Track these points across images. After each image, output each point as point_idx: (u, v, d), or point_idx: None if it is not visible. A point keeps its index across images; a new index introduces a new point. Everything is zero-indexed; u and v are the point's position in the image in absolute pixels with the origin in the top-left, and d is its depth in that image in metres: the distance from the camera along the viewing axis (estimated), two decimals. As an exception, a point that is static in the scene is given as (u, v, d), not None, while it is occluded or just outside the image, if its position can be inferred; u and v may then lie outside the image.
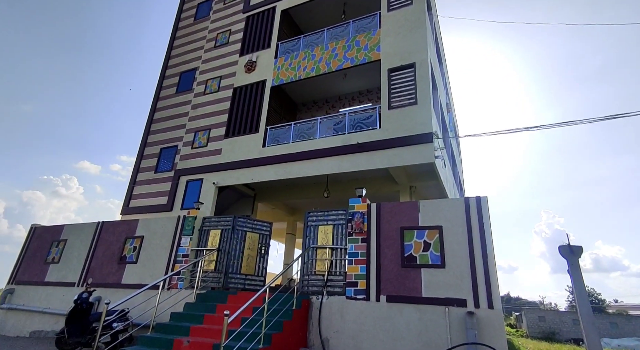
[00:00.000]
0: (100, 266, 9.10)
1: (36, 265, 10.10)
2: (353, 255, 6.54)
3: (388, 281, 6.06)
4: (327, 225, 7.22)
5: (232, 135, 11.44)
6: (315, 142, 9.84)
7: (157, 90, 14.35)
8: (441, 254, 5.83)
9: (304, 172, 9.70)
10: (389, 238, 6.36)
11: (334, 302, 6.35)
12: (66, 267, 9.58)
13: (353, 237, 6.68)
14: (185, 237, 8.41)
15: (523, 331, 35.20)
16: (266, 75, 11.73)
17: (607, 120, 6.10)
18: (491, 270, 5.41)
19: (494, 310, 5.20)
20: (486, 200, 5.90)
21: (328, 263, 6.83)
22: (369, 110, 9.95)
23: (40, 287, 9.65)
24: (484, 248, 5.57)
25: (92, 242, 9.58)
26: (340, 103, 13.48)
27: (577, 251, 3.95)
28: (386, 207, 6.64)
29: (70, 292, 8.84)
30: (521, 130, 7.32)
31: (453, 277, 5.62)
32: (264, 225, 8.57)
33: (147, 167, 12.74)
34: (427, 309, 5.60)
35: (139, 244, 8.90)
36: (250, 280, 7.99)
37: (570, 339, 30.38)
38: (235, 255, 7.96)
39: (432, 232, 6.06)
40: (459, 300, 5.43)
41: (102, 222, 9.83)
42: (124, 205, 12.30)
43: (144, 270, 8.50)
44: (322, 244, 7.07)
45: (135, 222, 9.36)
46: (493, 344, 4.97)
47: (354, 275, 6.38)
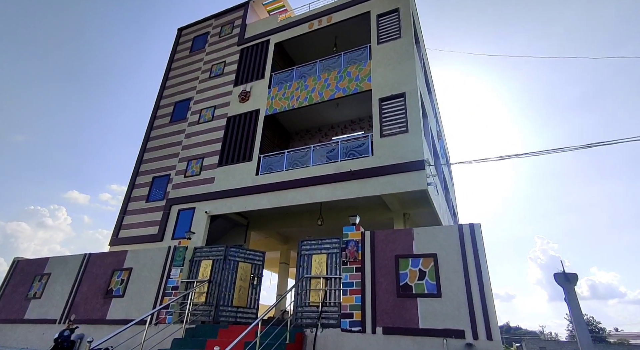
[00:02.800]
0: (85, 301, 8.72)
1: (16, 302, 9.64)
2: (348, 285, 6.39)
3: (384, 312, 5.89)
4: (321, 254, 7.10)
5: (225, 163, 11.46)
6: (308, 170, 9.89)
7: (151, 120, 14.47)
8: (437, 282, 5.73)
9: (297, 200, 9.66)
10: (383, 267, 6.25)
11: (328, 335, 6.12)
12: (48, 303, 9.16)
13: (347, 266, 6.56)
14: (175, 269, 8.17)
15: None
16: (260, 104, 11.95)
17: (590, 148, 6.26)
18: (488, 298, 5.30)
19: (493, 341, 5.05)
20: (479, 227, 5.89)
21: (322, 293, 6.65)
22: (361, 138, 10.10)
23: (19, 325, 9.15)
24: (480, 275, 5.50)
25: (77, 276, 9.24)
26: (333, 131, 13.70)
27: (573, 279, 3.91)
28: (380, 235, 6.58)
29: (51, 329, 8.39)
30: (509, 157, 7.47)
31: (450, 307, 5.49)
32: (257, 254, 8.39)
33: (138, 196, 12.58)
34: (425, 341, 5.41)
35: (126, 277, 8.60)
36: (242, 312, 7.71)
37: None
38: (227, 286, 7.72)
39: (427, 260, 5.98)
40: (456, 331, 5.27)
41: (89, 254, 9.54)
42: (113, 236, 12.01)
43: (131, 304, 8.16)
44: (316, 274, 6.92)
45: (123, 254, 9.10)
46: (494, 378, 4.79)
47: (349, 306, 6.20)
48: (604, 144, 6.01)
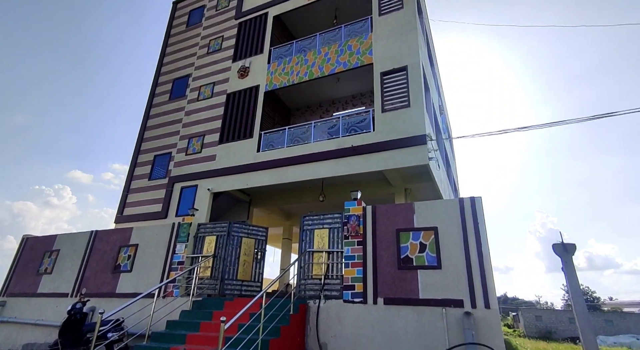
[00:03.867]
0: (94, 276, 8.98)
1: (28, 277, 9.94)
2: (349, 258, 6.53)
3: (385, 283, 6.05)
4: (323, 228, 7.21)
5: (226, 140, 11.42)
6: (309, 146, 9.86)
7: (150, 98, 14.30)
8: (437, 255, 5.84)
9: (299, 176, 9.70)
10: (385, 240, 6.36)
11: (331, 306, 6.32)
12: (59, 278, 9.44)
13: (349, 240, 6.67)
14: (180, 244, 8.34)
15: (520, 331, 35.20)
16: (259, 80, 11.76)
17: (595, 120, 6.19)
18: (487, 270, 5.42)
19: (491, 310, 5.21)
20: (480, 201, 5.93)
21: (325, 267, 6.81)
22: (362, 114, 10.00)
23: (32, 299, 9.48)
24: (480, 248, 5.59)
25: (85, 252, 9.46)
26: (334, 107, 13.54)
27: (571, 249, 3.98)
28: (382, 210, 6.65)
29: (64, 302, 8.69)
30: (512, 130, 7.40)
31: (449, 278, 5.62)
32: (260, 230, 8.53)
33: (140, 174, 12.65)
34: (425, 310, 5.59)
35: (133, 253, 8.80)
36: (247, 286, 7.93)
37: (567, 337, 30.42)
38: (231, 261, 7.91)
39: (427, 233, 6.07)
40: (456, 301, 5.43)
41: (96, 231, 9.72)
42: (118, 214, 12.18)
43: (138, 278, 8.40)
44: (318, 248, 7.05)
45: (129, 231, 9.27)
46: (490, 343, 4.97)
47: (350, 278, 6.36)
48: (610, 115, 5.94)
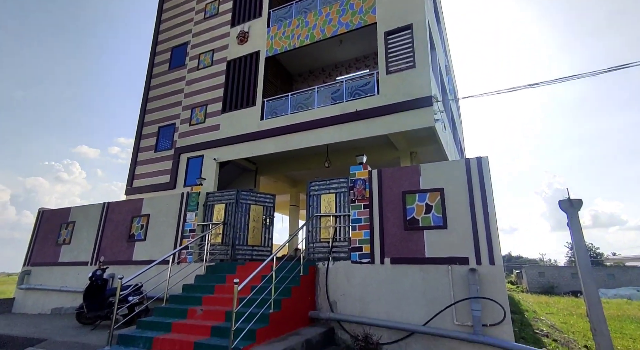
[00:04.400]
0: (111, 245, 9.32)
1: (49, 247, 10.36)
2: (356, 221, 6.64)
3: (392, 244, 6.19)
4: (330, 193, 7.28)
5: (229, 109, 11.31)
6: (313, 112, 9.74)
7: (150, 68, 14.04)
8: (443, 215, 5.91)
9: (304, 143, 9.67)
10: (391, 203, 6.43)
11: (339, 267, 6.53)
12: (77, 248, 9.83)
13: (355, 203, 6.75)
14: (190, 213, 8.54)
15: (523, 287, 36.17)
16: (259, 45, 11.41)
17: (610, 73, 5.96)
18: (492, 227, 5.50)
19: (495, 266, 5.34)
20: (487, 160, 5.89)
21: (332, 230, 6.96)
22: (366, 77, 9.75)
23: (55, 268, 9.95)
24: (485, 207, 5.63)
25: (99, 223, 9.76)
26: (337, 71, 13.19)
27: (577, 204, 3.99)
28: (387, 173, 6.66)
29: (84, 270, 9.12)
30: (522, 88, 7.18)
31: (455, 237, 5.72)
32: (267, 197, 8.65)
33: (146, 146, 12.71)
34: (431, 268, 5.75)
35: (145, 222, 9.05)
36: (257, 251, 8.18)
37: (568, 291, 31.26)
38: (241, 227, 8.11)
39: (433, 194, 6.10)
40: (461, 259, 5.57)
41: (108, 203, 9.95)
42: (128, 186, 12.40)
43: (152, 247, 8.71)
44: (325, 212, 7.17)
45: (140, 201, 9.48)
46: (494, 297, 5.14)
47: (358, 240, 6.51)
48: (625, 67, 5.69)
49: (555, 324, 9.27)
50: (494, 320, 5.09)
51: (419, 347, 5.48)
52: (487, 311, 5.16)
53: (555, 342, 6.53)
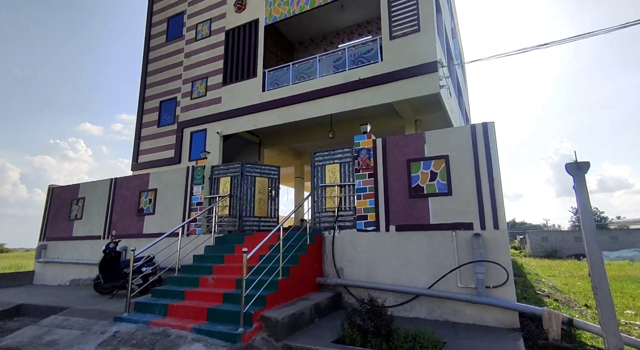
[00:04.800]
0: (121, 219, 9.54)
1: (62, 223, 10.65)
2: (361, 190, 6.68)
3: (397, 212, 6.25)
4: (334, 163, 7.28)
5: (230, 82, 11.12)
6: (316, 82, 9.55)
7: (147, 40, 13.70)
8: (448, 182, 5.91)
9: (307, 113, 9.57)
10: (395, 171, 6.43)
11: (345, 235, 6.65)
12: (89, 223, 10.08)
13: (360, 173, 6.77)
14: (196, 186, 8.64)
15: (526, 252, 36.67)
16: (258, 13, 11.01)
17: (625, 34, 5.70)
18: (497, 193, 5.51)
19: (500, 230, 5.40)
20: (493, 126, 5.80)
21: (337, 200, 7.02)
22: (369, 43, 9.45)
23: (69, 242, 10.28)
24: (490, 172, 5.61)
25: (109, 198, 9.94)
26: (339, 38, 12.77)
27: (584, 167, 3.95)
28: (392, 141, 6.61)
29: (98, 244, 9.41)
30: (531, 48, 6.92)
31: (460, 203, 5.76)
32: (272, 169, 8.69)
33: (149, 121, 12.67)
34: (436, 234, 5.84)
35: (153, 197, 9.20)
36: (264, 222, 8.34)
37: (571, 255, 31.67)
38: (247, 199, 8.21)
39: (438, 161, 6.08)
40: (465, 224, 5.63)
41: (115, 179, 10.08)
42: (133, 162, 12.49)
43: (162, 220, 8.90)
44: (330, 182, 7.21)
45: (146, 176, 9.58)
46: (498, 260, 5.25)
47: (363, 209, 6.58)
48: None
49: (556, 285, 9.51)
50: (497, 282, 5.22)
51: (424, 309, 5.68)
52: (490, 274, 5.28)
53: (556, 302, 6.73)
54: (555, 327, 4.36)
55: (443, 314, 5.53)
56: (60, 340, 4.69)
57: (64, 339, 4.74)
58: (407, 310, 5.76)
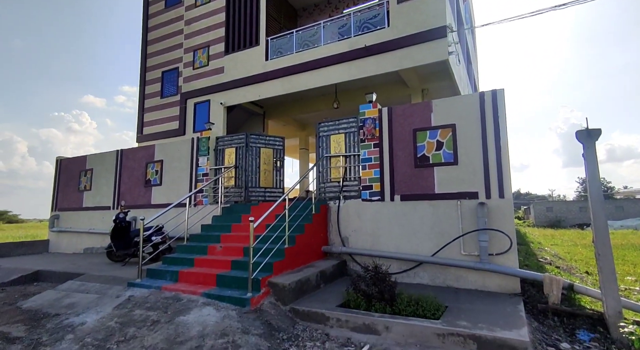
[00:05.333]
0: (129, 190, 9.69)
1: (71, 194, 10.87)
2: (366, 160, 6.66)
3: (402, 182, 6.26)
4: (339, 134, 7.22)
5: (232, 50, 10.84)
6: (320, 50, 9.27)
7: (145, 7, 13.26)
8: (454, 151, 5.86)
9: (311, 83, 9.37)
10: (401, 141, 6.36)
11: (350, 205, 6.71)
12: (99, 194, 10.27)
13: (365, 143, 6.72)
14: (202, 158, 8.67)
15: (530, 222, 36.89)
16: (259, -24, 10.51)
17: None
18: (504, 161, 5.46)
19: (505, 199, 5.40)
20: (502, 94, 5.65)
21: (342, 170, 7.03)
22: (375, 7, 9.05)
23: (80, 212, 10.53)
24: (498, 141, 5.54)
25: (116, 170, 10.06)
26: (344, 3, 12.24)
27: (595, 134, 3.88)
28: (398, 110, 6.50)
29: (108, 214, 9.63)
30: (547, 10, 6.58)
31: (466, 173, 5.73)
32: (277, 140, 8.65)
33: (152, 92, 12.52)
34: (440, 203, 5.87)
35: (159, 168, 9.28)
36: (270, 192, 8.42)
37: (574, 224, 31.82)
38: (253, 170, 8.25)
39: (445, 131, 5.99)
40: (471, 194, 5.63)
41: (121, 150, 10.14)
42: (138, 133, 12.50)
43: (169, 191, 9.02)
44: (335, 153, 7.18)
45: (152, 148, 9.62)
46: (502, 228, 5.29)
47: (368, 179, 6.60)
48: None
49: (558, 253, 9.65)
50: (500, 250, 5.30)
51: (426, 276, 5.83)
52: (494, 242, 5.35)
53: (557, 269, 6.86)
54: (555, 292, 4.47)
55: (446, 280, 5.67)
56: (79, 303, 4.92)
57: (82, 302, 4.97)
58: (411, 277, 5.92)
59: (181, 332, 3.80)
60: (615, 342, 3.81)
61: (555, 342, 3.90)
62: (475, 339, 3.47)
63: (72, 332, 4.05)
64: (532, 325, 4.13)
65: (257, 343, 3.64)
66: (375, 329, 3.92)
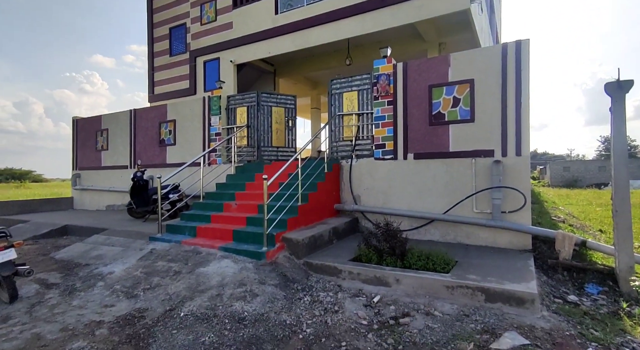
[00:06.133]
0: (145, 150, 9.87)
1: (90, 153, 11.16)
2: (379, 118, 6.53)
3: (415, 140, 6.16)
4: (352, 91, 7.03)
5: (240, 3, 10.36)
6: (332, 1, 8.75)
7: (148, -43, 12.56)
8: (471, 108, 5.67)
9: (323, 38, 8.97)
10: (416, 98, 6.17)
11: (363, 163, 6.70)
12: (116, 153, 10.51)
13: (379, 100, 6.54)
14: (214, 117, 8.65)
15: (545, 182, 36.06)
16: None
17: None
18: (523, 118, 5.27)
19: (522, 157, 5.29)
20: (527, 45, 5.31)
21: (355, 128, 6.93)
22: (393, -49, 8.33)
23: (100, 171, 10.87)
24: (519, 97, 5.30)
25: (130, 129, 10.17)
26: (359, -53, 11.30)
27: (626, 86, 3.64)
28: (413, 65, 6.23)
29: (125, 173, 9.91)
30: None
31: (482, 130, 5.58)
32: (288, 98, 8.51)
33: (160, 51, 12.27)
34: (454, 162, 5.79)
35: (173, 128, 9.34)
36: (282, 151, 8.44)
37: (592, 184, 31.01)
38: (265, 129, 8.23)
39: (462, 86, 5.75)
40: (486, 151, 5.52)
41: (134, 110, 10.19)
42: (150, 93, 12.44)
43: (183, 150, 9.14)
44: (347, 111, 7.05)
45: (164, 107, 9.61)
46: (517, 186, 5.24)
47: (381, 137, 6.51)
48: None
49: (572, 212, 9.58)
50: (514, 207, 5.29)
51: (437, 233, 5.91)
52: (507, 200, 5.33)
53: (571, 227, 6.85)
54: (567, 248, 4.50)
55: (457, 237, 5.75)
56: (106, 255, 5.24)
57: (109, 254, 5.28)
58: (422, 234, 6.02)
59: (202, 281, 4.03)
60: (623, 295, 3.88)
61: (562, 295, 3.99)
62: (483, 291, 3.58)
63: (102, 279, 4.35)
64: (540, 279, 4.22)
65: (273, 292, 3.84)
66: (386, 281, 4.07)
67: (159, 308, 3.57)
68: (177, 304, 3.61)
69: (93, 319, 3.40)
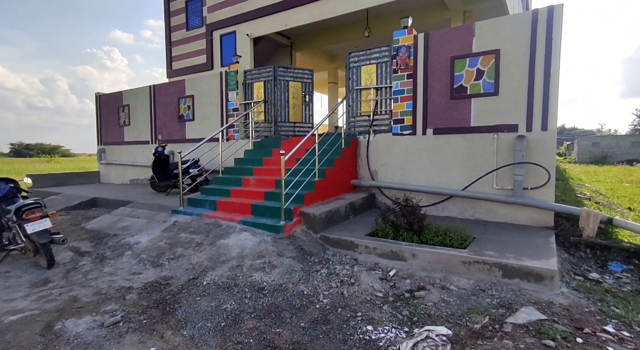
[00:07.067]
0: (165, 125, 10.04)
1: (113, 129, 11.47)
2: (399, 92, 6.36)
3: (435, 115, 5.99)
4: (370, 64, 6.83)
5: (256, -28, 10.05)
6: (351, -33, 8.36)
7: None
8: (495, 80, 5.42)
9: (340, 9, 8.67)
10: (437, 70, 5.94)
11: (380, 139, 6.61)
12: (137, 128, 10.75)
13: (398, 74, 6.34)
14: (231, 92, 8.64)
15: (572, 158, 34.43)
16: None
17: None
18: (552, 91, 5.01)
19: (548, 131, 5.07)
20: (560, 10, 4.95)
21: (373, 103, 6.79)
22: None
23: (123, 146, 11.20)
24: (548, 68, 5.02)
25: (150, 105, 10.33)
26: None
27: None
28: (435, 36, 5.95)
29: (147, 148, 10.16)
30: None
31: (506, 104, 5.36)
32: (305, 72, 8.36)
33: (177, 25, 12.19)
34: (475, 137, 5.63)
35: (191, 103, 9.41)
36: (299, 127, 8.40)
37: (623, 160, 29.32)
38: (282, 104, 8.17)
39: (487, 57, 5.48)
40: (510, 126, 5.33)
41: (153, 86, 10.29)
42: (168, 68, 12.50)
43: (201, 126, 9.25)
44: (365, 85, 6.88)
45: (182, 83, 9.66)
46: (541, 162, 5.06)
47: (400, 112, 6.36)
48: None
49: (600, 189, 9.24)
50: (537, 184, 5.14)
51: (456, 209, 5.86)
52: (530, 176, 5.18)
53: (597, 204, 6.64)
54: (592, 226, 4.39)
55: (475, 213, 5.68)
56: (132, 226, 5.49)
57: (135, 225, 5.53)
58: (439, 210, 5.98)
59: (222, 252, 4.18)
60: (648, 274, 3.78)
61: (584, 272, 3.93)
62: (500, 266, 3.56)
63: (130, 249, 4.59)
64: (561, 256, 4.16)
65: (291, 264, 3.95)
66: (403, 255, 4.11)
67: (183, 276, 3.75)
68: (199, 273, 3.78)
69: (123, 285, 3.62)
